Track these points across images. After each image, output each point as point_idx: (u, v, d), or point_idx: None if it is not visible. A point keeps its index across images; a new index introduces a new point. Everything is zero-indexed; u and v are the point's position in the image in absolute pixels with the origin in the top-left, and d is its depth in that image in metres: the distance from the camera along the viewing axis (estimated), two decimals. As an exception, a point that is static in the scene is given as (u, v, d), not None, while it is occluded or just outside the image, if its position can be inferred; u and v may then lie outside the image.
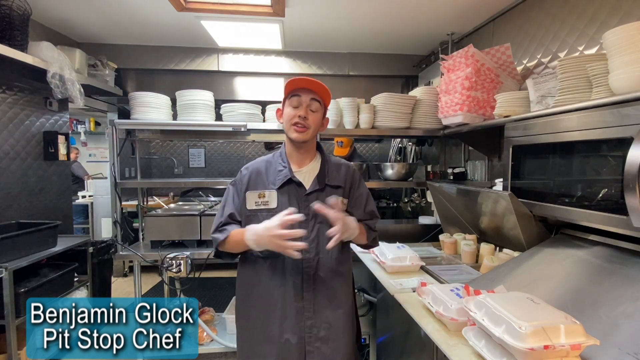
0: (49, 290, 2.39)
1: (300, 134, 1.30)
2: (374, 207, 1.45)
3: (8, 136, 2.53)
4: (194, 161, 5.23)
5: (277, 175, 1.34)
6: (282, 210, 1.24)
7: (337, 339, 1.31)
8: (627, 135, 1.04)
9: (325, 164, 1.38)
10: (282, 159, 1.37)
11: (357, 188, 1.42)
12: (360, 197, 1.42)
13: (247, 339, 1.36)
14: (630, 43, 1.10)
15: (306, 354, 1.28)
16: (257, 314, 1.33)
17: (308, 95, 1.30)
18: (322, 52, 3.24)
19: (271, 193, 1.32)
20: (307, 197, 1.31)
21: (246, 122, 2.36)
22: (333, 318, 1.31)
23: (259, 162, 1.41)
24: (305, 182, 1.33)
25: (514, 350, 0.86)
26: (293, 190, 1.32)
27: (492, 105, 1.92)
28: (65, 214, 3.03)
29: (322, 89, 1.30)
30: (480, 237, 2.02)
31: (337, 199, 1.30)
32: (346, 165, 1.44)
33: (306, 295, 1.29)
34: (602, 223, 1.17)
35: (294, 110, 1.30)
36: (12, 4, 2.02)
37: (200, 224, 2.31)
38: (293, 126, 1.30)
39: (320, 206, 1.20)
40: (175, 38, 2.95)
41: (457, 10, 2.33)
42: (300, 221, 1.20)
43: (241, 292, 1.40)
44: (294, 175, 1.33)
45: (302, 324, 1.28)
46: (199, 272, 2.27)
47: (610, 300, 1.04)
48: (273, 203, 1.32)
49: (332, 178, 1.36)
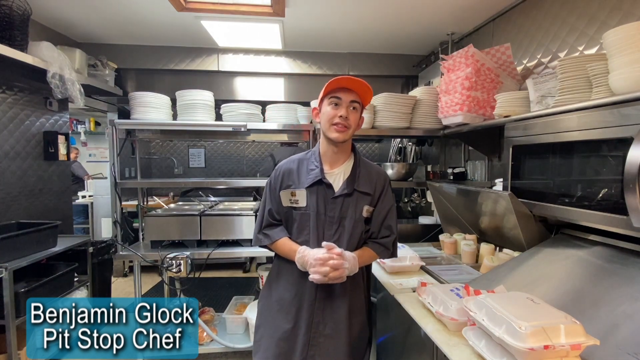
0: (49, 290, 2.38)
1: (340, 134, 1.30)
2: (394, 223, 1.41)
3: (8, 136, 2.53)
4: (194, 161, 5.22)
5: (308, 174, 1.35)
6: (310, 209, 1.33)
7: (341, 339, 1.33)
8: (627, 135, 1.04)
9: (357, 167, 1.38)
10: (315, 158, 1.38)
11: (383, 199, 1.39)
12: (383, 209, 1.39)
13: (263, 320, 1.42)
14: (630, 43, 1.10)
15: (309, 347, 1.32)
16: (278, 301, 1.38)
17: (349, 95, 1.30)
18: (322, 52, 3.24)
19: (301, 192, 1.34)
20: (334, 199, 1.33)
21: (246, 122, 2.36)
22: (340, 319, 1.33)
23: (291, 162, 1.42)
24: (335, 184, 1.34)
25: (514, 350, 0.86)
26: (322, 191, 1.34)
27: (492, 105, 1.92)
28: (65, 214, 3.03)
29: (365, 88, 1.30)
30: (480, 237, 2.02)
31: (366, 209, 1.36)
32: (377, 171, 1.43)
33: (319, 294, 1.33)
34: (602, 223, 1.17)
35: (333, 109, 1.30)
36: (12, 4, 2.02)
37: (200, 224, 2.31)
38: (333, 126, 1.30)
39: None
40: (175, 38, 2.95)
41: (457, 10, 2.33)
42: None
43: (271, 279, 1.46)
44: (325, 176, 1.34)
45: (311, 319, 1.32)
46: (199, 272, 2.27)
47: (610, 300, 1.04)
48: (303, 202, 1.34)
49: (362, 183, 1.36)
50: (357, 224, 1.34)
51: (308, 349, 1.31)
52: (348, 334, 1.34)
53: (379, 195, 1.39)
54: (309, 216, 1.33)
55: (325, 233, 1.33)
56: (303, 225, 1.34)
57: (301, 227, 1.35)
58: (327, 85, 1.30)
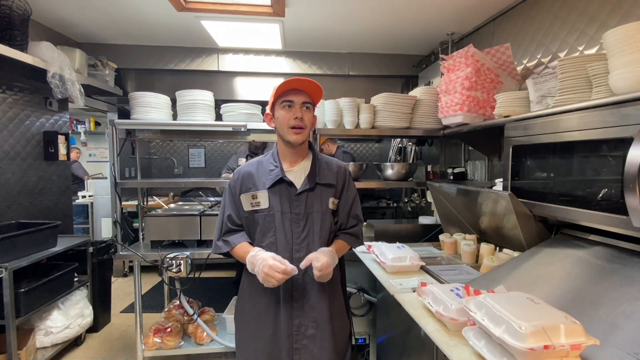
0: (49, 290, 2.39)
1: (299, 136, 1.31)
2: (360, 211, 1.45)
3: (8, 136, 2.53)
4: (194, 161, 5.23)
5: (268, 175, 1.35)
6: (274, 209, 1.32)
7: (325, 337, 1.32)
8: (627, 135, 1.04)
9: (317, 162, 1.39)
10: (274, 159, 1.38)
11: (347, 189, 1.42)
12: (348, 199, 1.42)
13: (242, 335, 1.40)
14: (630, 43, 1.10)
15: (294, 351, 1.30)
16: (252, 311, 1.37)
17: (300, 96, 1.30)
18: (322, 52, 3.24)
19: (262, 193, 1.34)
20: (298, 196, 1.33)
21: (246, 122, 2.36)
22: (321, 317, 1.32)
23: (250, 165, 1.42)
24: (296, 182, 1.34)
25: (514, 350, 0.86)
26: (284, 189, 1.34)
27: (492, 105, 1.92)
28: (65, 214, 3.03)
29: (314, 87, 1.30)
30: (480, 237, 2.02)
31: (331, 202, 1.36)
32: (337, 164, 1.45)
33: (295, 295, 1.32)
34: (602, 223, 1.17)
35: (287, 112, 1.30)
36: (12, 4, 2.02)
37: (200, 224, 2.31)
38: (291, 129, 1.30)
39: (305, 263, 1.24)
40: (175, 38, 2.95)
41: (457, 10, 2.33)
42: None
43: (242, 291, 1.44)
44: (285, 174, 1.34)
45: (290, 322, 1.31)
46: (199, 272, 2.27)
47: (610, 300, 1.04)
48: (265, 203, 1.33)
49: (323, 176, 1.37)
50: (325, 217, 1.35)
51: (293, 352, 1.30)
52: (331, 330, 1.33)
53: (341, 186, 1.40)
54: (274, 217, 1.32)
55: (294, 231, 1.32)
56: (267, 228, 1.33)
57: (265, 230, 1.33)
58: (276, 89, 1.30)
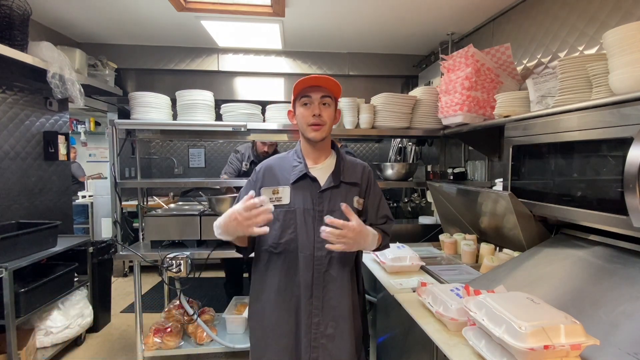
0: (49, 290, 2.39)
1: (317, 132, 1.29)
2: (388, 211, 1.43)
3: (8, 136, 2.53)
4: (194, 161, 5.23)
5: (291, 170, 1.34)
6: (295, 205, 1.29)
7: (344, 337, 1.30)
8: (627, 135, 1.04)
9: (341, 161, 1.38)
10: (298, 155, 1.37)
11: (372, 189, 1.41)
12: (375, 200, 1.41)
13: (260, 336, 1.35)
14: (630, 43, 1.10)
15: (312, 349, 1.28)
16: (270, 311, 1.33)
17: (318, 92, 1.30)
18: (322, 52, 3.24)
19: (284, 189, 1.32)
20: (322, 193, 1.31)
21: (246, 122, 2.35)
22: (340, 316, 1.31)
23: (273, 159, 1.41)
24: (320, 179, 1.33)
25: (514, 350, 0.86)
26: (307, 185, 1.32)
27: (492, 105, 1.92)
28: (65, 214, 3.03)
29: (331, 83, 1.30)
30: (480, 237, 2.02)
31: (356, 200, 1.34)
32: (362, 164, 1.44)
33: (315, 293, 1.29)
34: (602, 223, 1.17)
35: (306, 109, 1.30)
36: (12, 4, 2.02)
37: (200, 224, 2.31)
38: (310, 126, 1.30)
39: (347, 207, 1.18)
40: (175, 38, 2.95)
41: (457, 10, 2.33)
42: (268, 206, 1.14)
43: (255, 289, 1.39)
44: (309, 170, 1.32)
45: (309, 321, 1.28)
46: (199, 272, 2.27)
47: (610, 300, 1.04)
48: (286, 199, 1.31)
49: (348, 175, 1.36)
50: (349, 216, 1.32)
51: (311, 350, 1.28)
52: (349, 330, 1.31)
53: (366, 186, 1.39)
54: (294, 213, 1.31)
55: (316, 229, 1.29)
56: (288, 224, 1.31)
57: (285, 226, 1.31)
58: (295, 87, 1.30)
